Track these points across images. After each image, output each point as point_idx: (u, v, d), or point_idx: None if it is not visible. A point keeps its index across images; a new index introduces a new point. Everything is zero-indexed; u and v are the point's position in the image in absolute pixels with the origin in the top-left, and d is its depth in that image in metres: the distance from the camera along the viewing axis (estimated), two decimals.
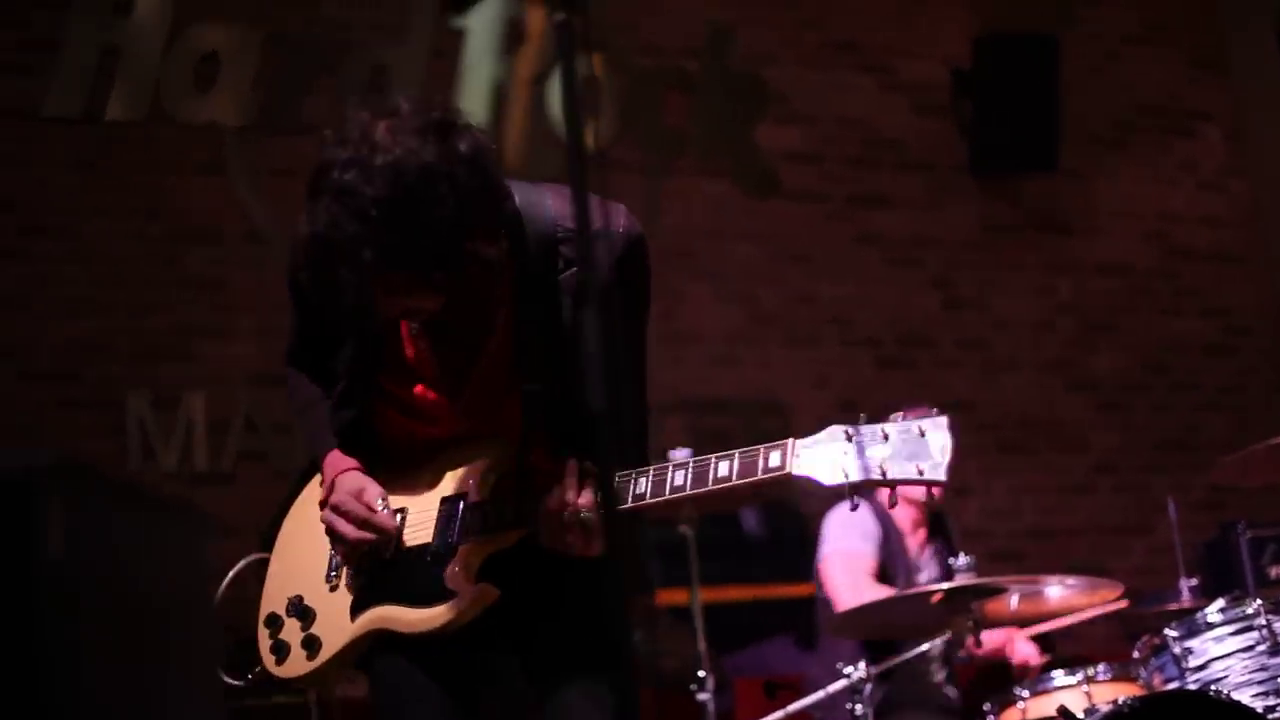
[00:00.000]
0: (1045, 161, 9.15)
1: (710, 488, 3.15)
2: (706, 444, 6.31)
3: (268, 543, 3.65)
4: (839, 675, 5.22)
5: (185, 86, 7.69)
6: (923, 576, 6.18)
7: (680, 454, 5.74)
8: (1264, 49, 9.89)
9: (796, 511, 7.80)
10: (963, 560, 5.14)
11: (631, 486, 3.19)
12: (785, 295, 8.66)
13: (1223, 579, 6.27)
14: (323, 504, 3.46)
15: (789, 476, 3.11)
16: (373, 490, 3.42)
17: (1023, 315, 9.23)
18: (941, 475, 3.05)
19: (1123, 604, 5.40)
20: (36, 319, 7.28)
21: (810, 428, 3.09)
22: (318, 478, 3.56)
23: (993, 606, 5.14)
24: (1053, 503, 8.93)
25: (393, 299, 3.18)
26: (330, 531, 3.44)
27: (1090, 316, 9.41)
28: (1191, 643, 4.71)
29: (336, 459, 3.47)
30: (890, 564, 6.15)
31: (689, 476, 3.16)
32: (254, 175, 7.63)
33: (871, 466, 3.07)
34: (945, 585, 5.09)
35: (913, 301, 8.96)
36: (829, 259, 8.80)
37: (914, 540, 6.30)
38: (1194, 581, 5.73)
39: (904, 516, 6.29)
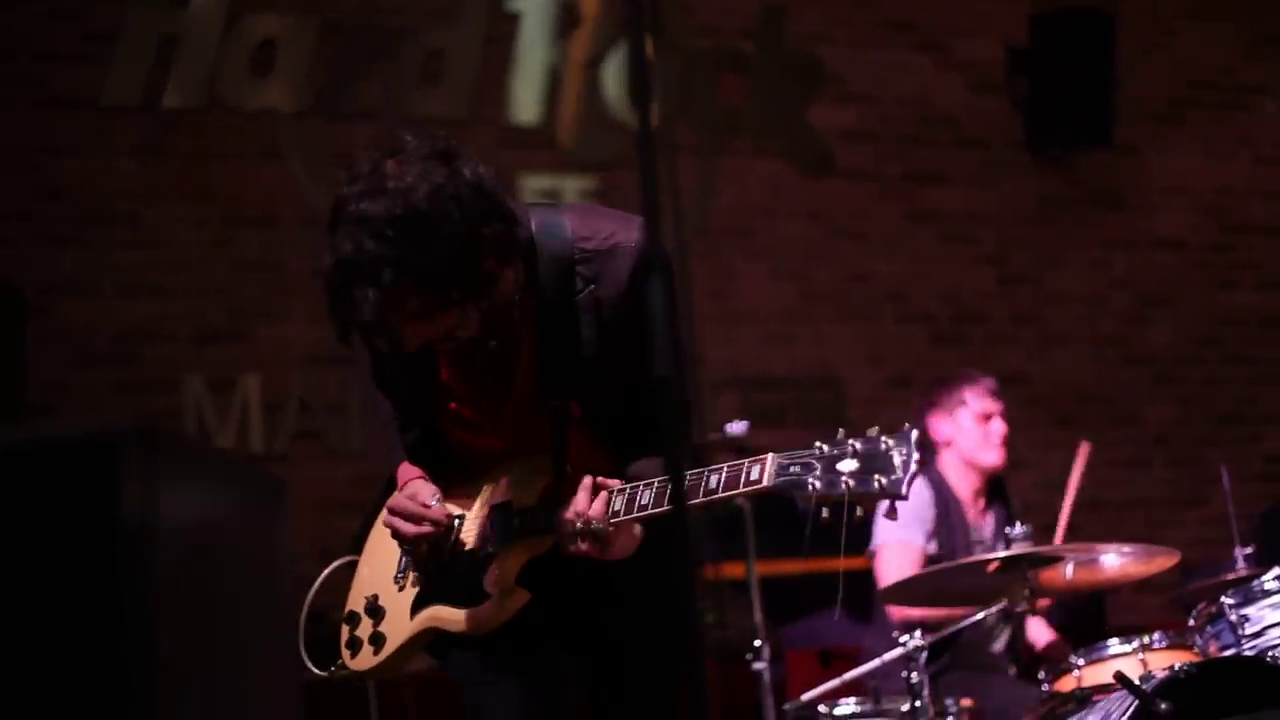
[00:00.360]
0: (1101, 137, 9.13)
1: (704, 500, 3.32)
2: (760, 419, 6.40)
3: (358, 545, 3.86)
4: (895, 644, 5.22)
5: (241, 74, 7.76)
6: (981, 545, 6.19)
7: (737, 427, 5.83)
8: None
9: None
10: (1019, 529, 5.15)
11: (639, 497, 3.40)
12: (839, 273, 8.68)
13: (1277, 548, 6.25)
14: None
15: (767, 491, 3.29)
16: (427, 490, 3.64)
17: (1077, 290, 9.22)
18: (901, 489, 3.21)
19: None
20: (95, 303, 7.38)
21: (864, 403, 3.27)
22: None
23: (1048, 575, 5.13)
24: (1108, 476, 8.90)
25: (416, 325, 3.31)
26: (393, 533, 3.66)
27: (1145, 291, 9.39)
28: (1248, 610, 4.69)
29: (404, 470, 3.71)
30: (948, 538, 6.16)
31: (697, 484, 3.31)
32: (309, 160, 7.70)
33: (837, 481, 3.23)
34: (1000, 554, 5.09)
35: (967, 277, 8.96)
36: (883, 236, 8.81)
37: (974, 508, 6.31)
38: (1249, 550, 5.71)
39: (963, 484, 6.30)
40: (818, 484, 3.25)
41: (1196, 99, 9.71)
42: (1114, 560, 5.20)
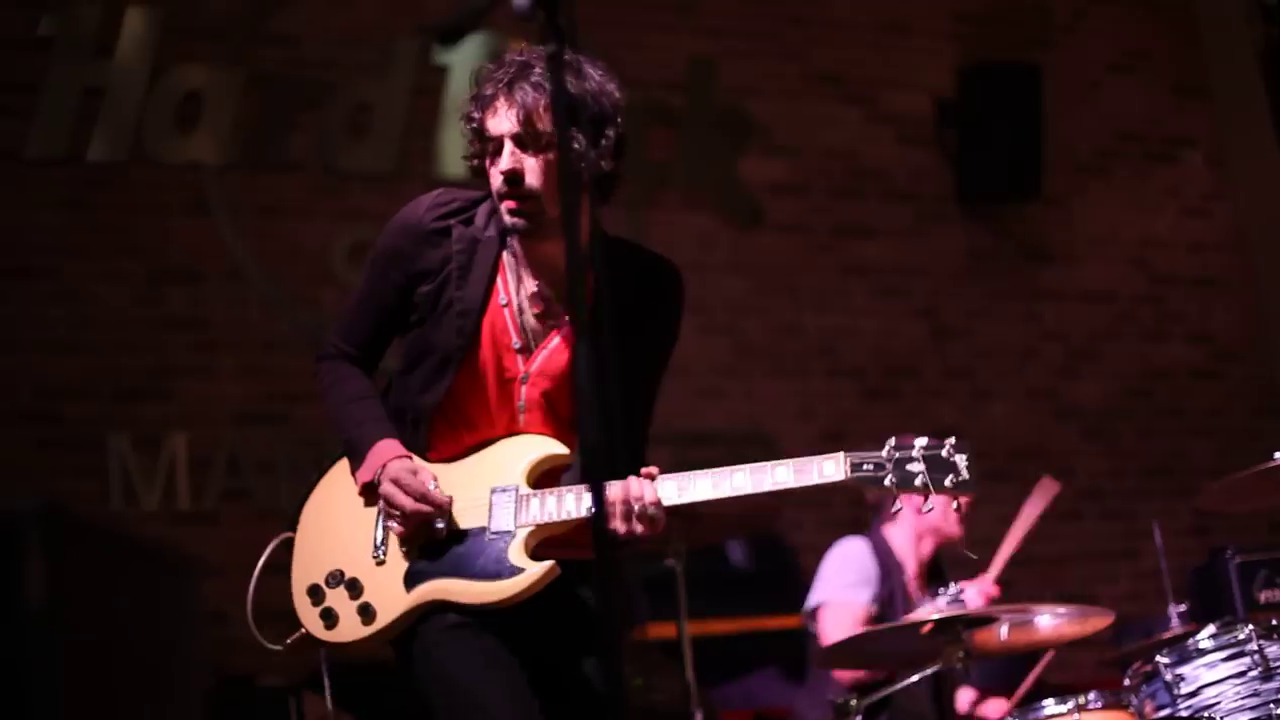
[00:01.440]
0: (1029, 190, 9.17)
1: (774, 488, 3.77)
2: None
3: (294, 523, 3.97)
4: (827, 707, 5.19)
5: (167, 127, 7.68)
6: (918, 611, 6.17)
7: None
8: (1245, 74, 9.91)
9: (782, 544, 7.79)
10: (952, 589, 5.13)
11: (695, 483, 3.75)
12: (771, 327, 8.66)
13: (1211, 604, 6.24)
14: (370, 486, 3.81)
15: (841, 485, 3.76)
16: (425, 472, 3.81)
17: (1008, 343, 9.24)
18: (972, 489, 3.79)
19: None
20: (18, 360, 7.27)
21: (795, 458, 3.49)
22: (342, 464, 3.95)
23: (983, 636, 5.11)
24: (1039, 530, 8.89)
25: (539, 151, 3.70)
26: (388, 505, 3.77)
27: (1075, 344, 9.42)
28: (1183, 669, 4.69)
29: (389, 446, 3.83)
30: (889, 603, 6.15)
31: (749, 478, 3.78)
32: (236, 214, 7.63)
33: (910, 479, 3.76)
34: (934, 615, 5.06)
35: (898, 331, 8.96)
36: (814, 290, 8.80)
37: (914, 577, 6.29)
38: (1182, 608, 5.71)
39: (910, 553, 6.30)
40: (893, 479, 3.75)
41: (1123, 151, 9.76)
42: (1049, 621, 5.19)
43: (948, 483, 3.77)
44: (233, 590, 3.96)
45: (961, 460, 3.79)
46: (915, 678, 5.22)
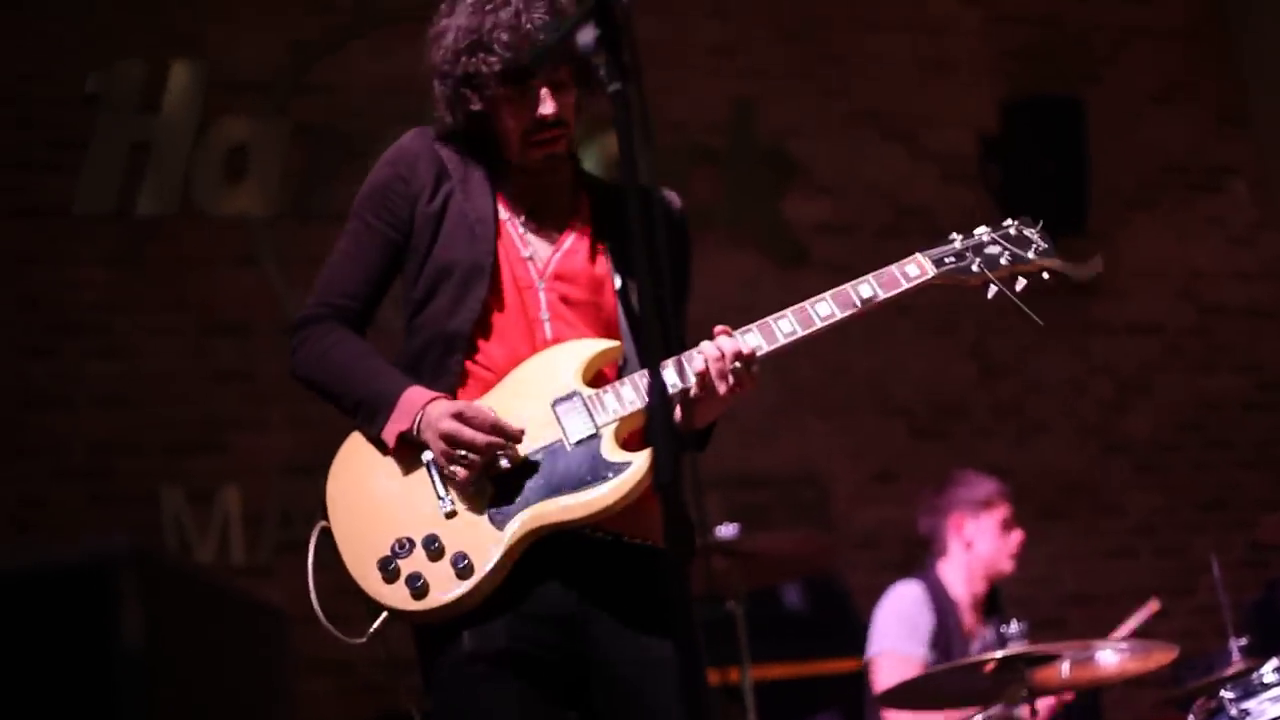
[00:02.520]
0: (1074, 224, 9.13)
1: (862, 308, 3.77)
2: (744, 519, 6.33)
3: (325, 513, 3.67)
4: None
5: (215, 179, 7.72)
6: (976, 648, 6.14)
7: (727, 530, 5.79)
8: None
9: (837, 586, 7.76)
10: (1015, 627, 5.10)
11: (778, 326, 3.73)
12: (819, 367, 8.63)
13: (1270, 637, 6.21)
14: (405, 437, 3.54)
15: (929, 283, 3.83)
16: (483, 405, 3.55)
17: (1057, 379, 9.19)
18: (1054, 256, 3.92)
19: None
20: (69, 416, 7.29)
21: (847, 500, 3.45)
22: (353, 440, 3.66)
23: (1045, 674, 5.08)
24: (1094, 567, 8.87)
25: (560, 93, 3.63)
26: (451, 446, 3.49)
27: (1124, 377, 9.37)
28: (1248, 704, 4.66)
29: (419, 392, 3.57)
30: (946, 645, 6.12)
31: (833, 304, 3.77)
32: (284, 265, 7.65)
33: (996, 260, 3.84)
34: (997, 654, 5.04)
35: (947, 369, 8.93)
36: (862, 329, 8.74)
37: (971, 616, 6.26)
38: (1243, 642, 5.66)
39: (965, 591, 6.27)
40: (982, 266, 3.84)
41: (1166, 182, 9.73)
42: (1111, 657, 5.16)
43: (1032, 254, 3.88)
44: (290, 643, 3.82)
45: (1033, 232, 3.88)
46: (978, 717, 5.20)
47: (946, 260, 3.79)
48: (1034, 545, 6.83)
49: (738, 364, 3.57)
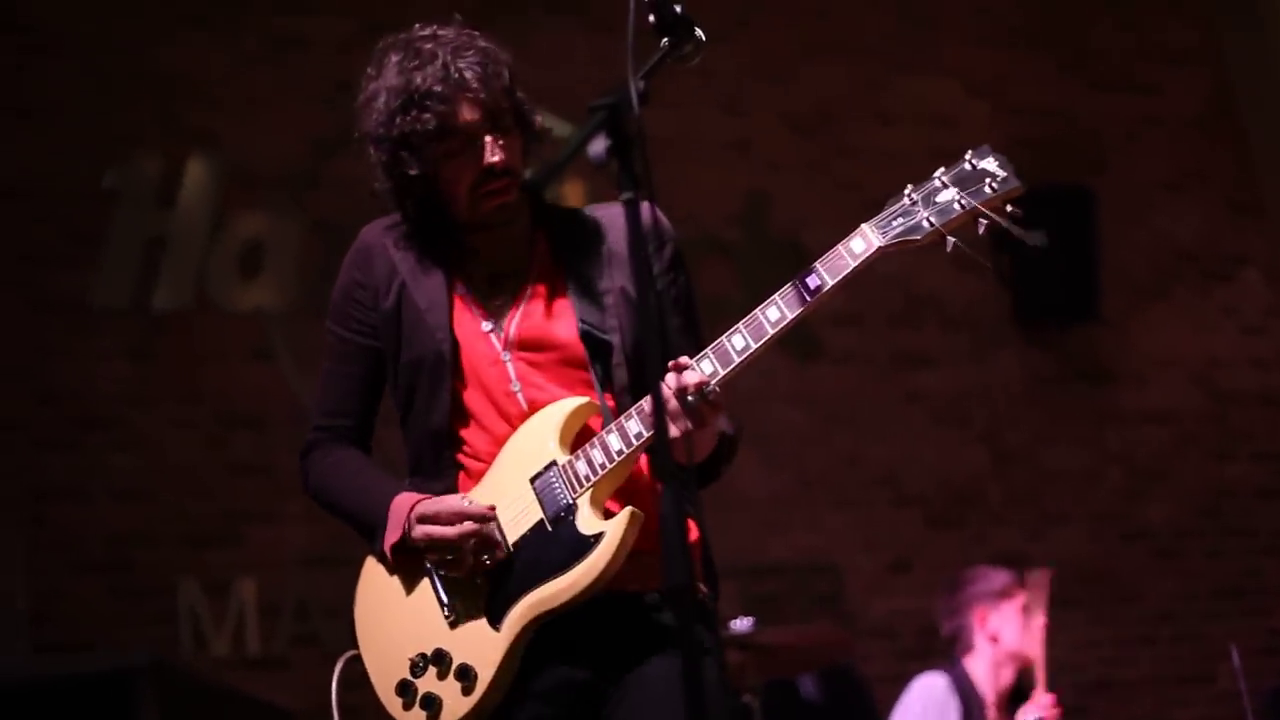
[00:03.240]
0: (1087, 312, 9.16)
1: (814, 300, 3.43)
2: (759, 609, 6.33)
3: (354, 639, 3.67)
4: None
5: (230, 274, 7.77)
6: None
7: (742, 624, 5.78)
8: None
9: (854, 676, 7.74)
10: (1033, 714, 5.09)
11: (730, 344, 3.42)
12: (833, 457, 8.64)
13: None
14: (402, 546, 3.49)
15: (881, 252, 3.43)
16: (452, 496, 3.49)
17: (1072, 467, 9.18)
18: (1015, 182, 3.39)
19: None
20: (88, 510, 7.32)
21: (863, 590, 3.30)
22: (369, 560, 3.63)
23: None
24: (1114, 654, 8.83)
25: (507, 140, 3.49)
26: (431, 549, 3.45)
27: (1140, 465, 9.36)
28: None
29: (405, 499, 3.52)
30: None
31: (782, 306, 3.43)
32: (299, 359, 7.68)
33: (949, 207, 3.40)
34: None
35: (961, 458, 8.93)
36: (875, 419, 8.79)
37: (995, 708, 6.24)
38: None
39: (991, 684, 6.25)
40: (932, 219, 3.41)
41: (1180, 270, 9.75)
42: None
43: (988, 189, 3.40)
44: None
45: (990, 162, 3.44)
46: None
47: (894, 224, 3.43)
48: (1053, 633, 6.82)
49: (690, 398, 3.33)
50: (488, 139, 3.50)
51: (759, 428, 8.50)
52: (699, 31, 3.36)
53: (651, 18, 3.32)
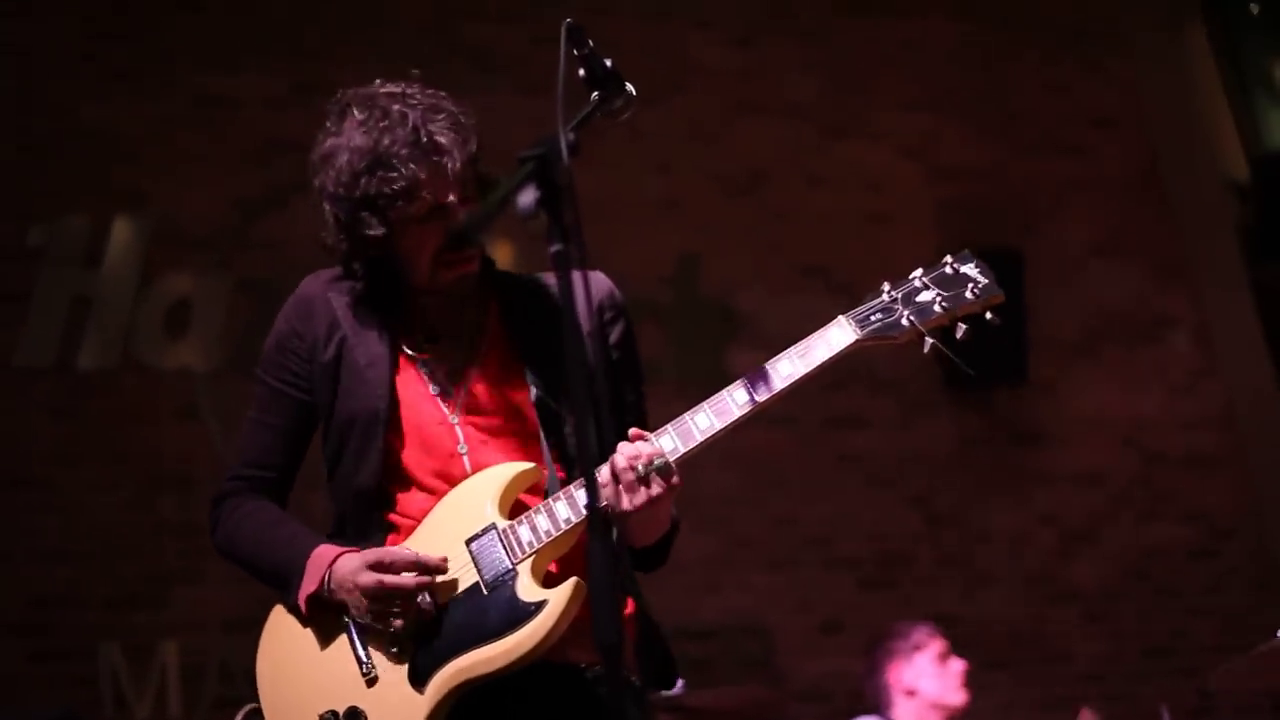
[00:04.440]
0: (1016, 374, 9.19)
1: (785, 386, 3.38)
2: (688, 673, 6.28)
3: (255, 693, 3.56)
4: None
5: (156, 334, 7.71)
6: None
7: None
8: (1225, 253, 10.01)
9: None
10: None
11: (694, 422, 3.42)
12: (764, 519, 8.63)
13: None
14: (317, 599, 3.38)
15: (859, 345, 3.38)
16: (399, 546, 3.39)
17: (1002, 528, 9.20)
18: (996, 289, 3.39)
19: None
20: (9, 570, 7.23)
21: (794, 651, 3.25)
22: (276, 613, 3.54)
23: None
24: (1041, 717, 8.82)
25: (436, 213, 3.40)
26: (375, 600, 3.33)
27: (1069, 526, 9.38)
28: None
29: (327, 550, 3.42)
30: None
31: (749, 391, 3.40)
32: (226, 419, 7.62)
33: (929, 309, 3.36)
34: None
35: (892, 519, 8.93)
36: (806, 481, 8.78)
37: None
38: None
39: None
40: (911, 319, 3.36)
41: (1108, 332, 9.79)
42: None
43: (969, 294, 3.38)
44: None
45: (970, 268, 3.40)
46: None
47: (873, 319, 3.38)
48: (980, 695, 6.82)
49: (643, 469, 3.27)
50: (456, 204, 3.43)
51: (691, 490, 8.45)
52: (629, 86, 3.34)
53: (581, 72, 3.30)
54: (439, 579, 3.38)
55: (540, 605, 3.31)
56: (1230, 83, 10.39)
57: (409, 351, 3.54)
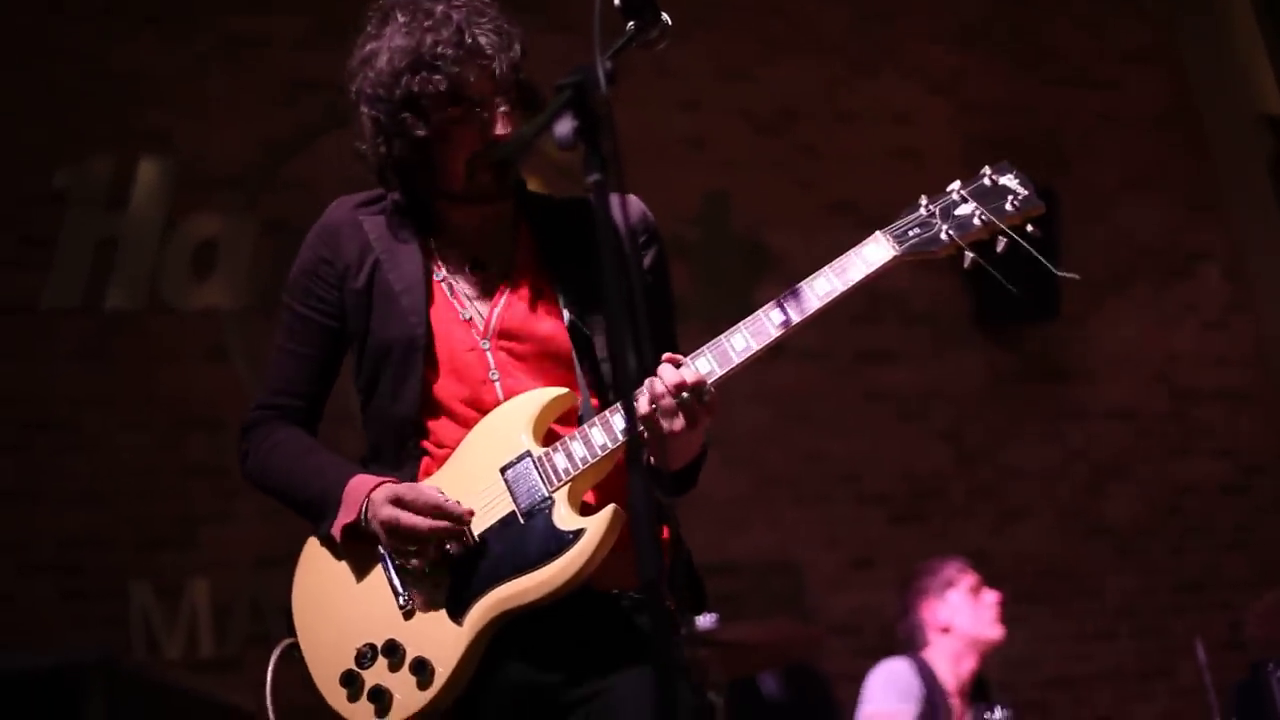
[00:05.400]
0: (1048, 310, 9.15)
1: (821, 304, 3.35)
2: (720, 607, 6.28)
3: (290, 628, 3.52)
4: None
5: (183, 274, 7.71)
6: None
7: (705, 620, 5.74)
8: (1259, 188, 9.93)
9: (816, 673, 7.71)
10: (999, 712, 5.06)
11: (730, 343, 3.34)
12: (794, 455, 8.61)
13: (1256, 719, 6.16)
14: (354, 529, 3.34)
15: (897, 261, 3.33)
16: (426, 486, 3.34)
17: (1033, 464, 9.17)
18: (1037, 200, 3.29)
19: None
20: (40, 511, 7.26)
21: (825, 587, 3.21)
22: (311, 545, 3.49)
23: None
24: (1074, 650, 8.81)
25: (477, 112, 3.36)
26: (395, 537, 3.30)
27: (1101, 462, 9.35)
28: None
29: (364, 480, 3.38)
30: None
31: (788, 310, 3.35)
32: (254, 359, 7.62)
33: (969, 222, 3.30)
34: None
35: (922, 455, 8.91)
36: (837, 417, 8.76)
37: (958, 701, 6.22)
38: None
39: (952, 674, 6.23)
40: (950, 233, 3.31)
41: (1140, 267, 9.74)
42: None
43: (1009, 207, 3.31)
44: None
45: (1010, 179, 3.33)
46: None
47: (910, 234, 3.32)
48: (1013, 629, 6.82)
49: (685, 395, 3.23)
50: (498, 109, 3.39)
51: (720, 427, 8.45)
52: (664, 15, 3.29)
53: (616, 1, 3.25)
54: (465, 501, 3.32)
55: (578, 534, 3.27)
56: (1263, 15, 10.29)
57: (440, 274, 3.48)
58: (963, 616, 6.32)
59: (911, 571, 6.55)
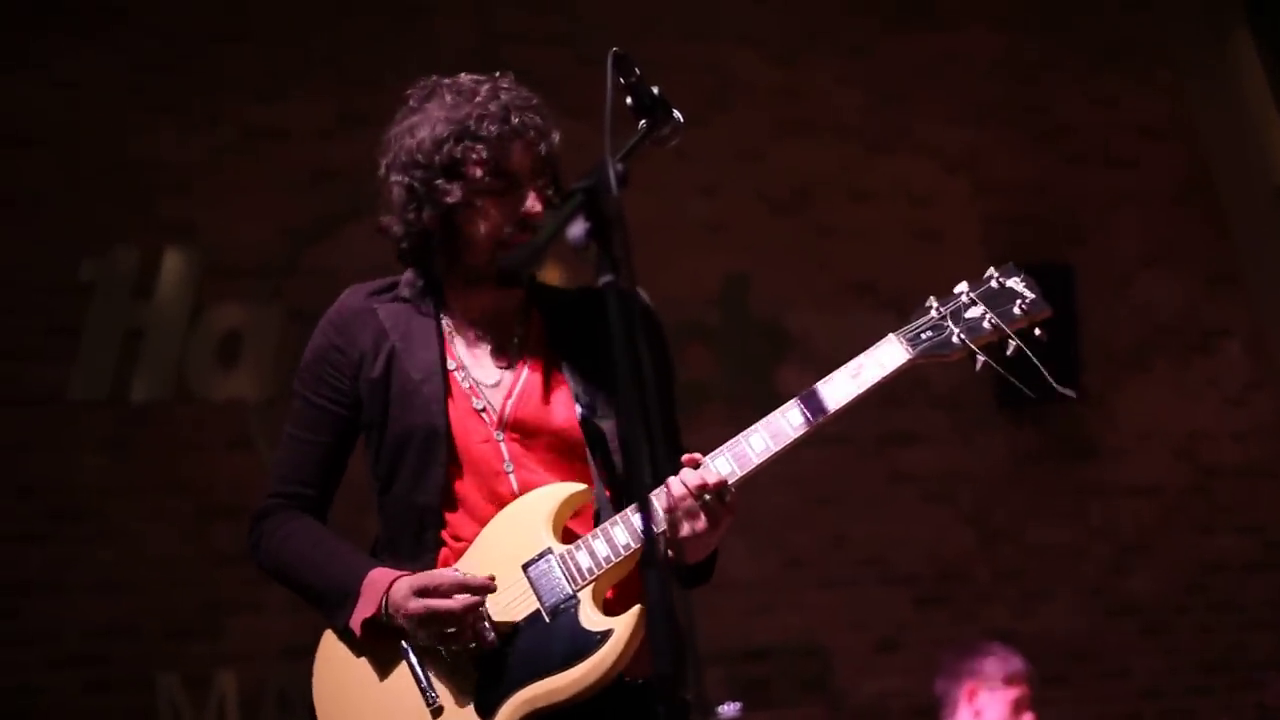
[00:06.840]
0: (1069, 387, 9.13)
1: (838, 409, 3.40)
2: (746, 694, 6.28)
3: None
4: None
5: (208, 365, 7.74)
6: None
7: (730, 709, 5.72)
8: (1277, 261, 9.94)
9: None
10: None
11: (749, 444, 3.40)
12: (819, 539, 8.60)
13: None
14: (374, 623, 3.34)
15: (911, 364, 3.37)
16: (443, 569, 3.35)
17: (1057, 543, 9.15)
18: (1044, 305, 3.39)
19: None
20: (65, 602, 7.25)
21: (851, 671, 3.24)
22: (327, 640, 3.48)
23: None
24: None
25: (517, 186, 3.40)
26: (424, 625, 3.29)
27: (1125, 540, 9.33)
28: None
29: (383, 573, 3.37)
30: None
31: (804, 411, 3.40)
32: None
33: (979, 325, 3.35)
34: None
35: (947, 536, 8.89)
36: (861, 500, 8.75)
37: None
38: None
39: None
40: (962, 336, 3.34)
41: (1160, 344, 9.74)
42: None
43: (1017, 310, 3.37)
44: None
45: (1016, 282, 3.39)
46: None
47: (923, 337, 3.36)
48: (1040, 709, 6.79)
49: (707, 497, 3.29)
50: (532, 189, 3.43)
51: (744, 511, 8.44)
52: (676, 113, 3.33)
53: (629, 100, 3.29)
54: (489, 600, 3.33)
55: (606, 635, 3.30)
56: (1279, 89, 10.33)
57: (453, 364, 3.50)
58: (993, 717, 6.30)
59: (982, 645, 6.54)
